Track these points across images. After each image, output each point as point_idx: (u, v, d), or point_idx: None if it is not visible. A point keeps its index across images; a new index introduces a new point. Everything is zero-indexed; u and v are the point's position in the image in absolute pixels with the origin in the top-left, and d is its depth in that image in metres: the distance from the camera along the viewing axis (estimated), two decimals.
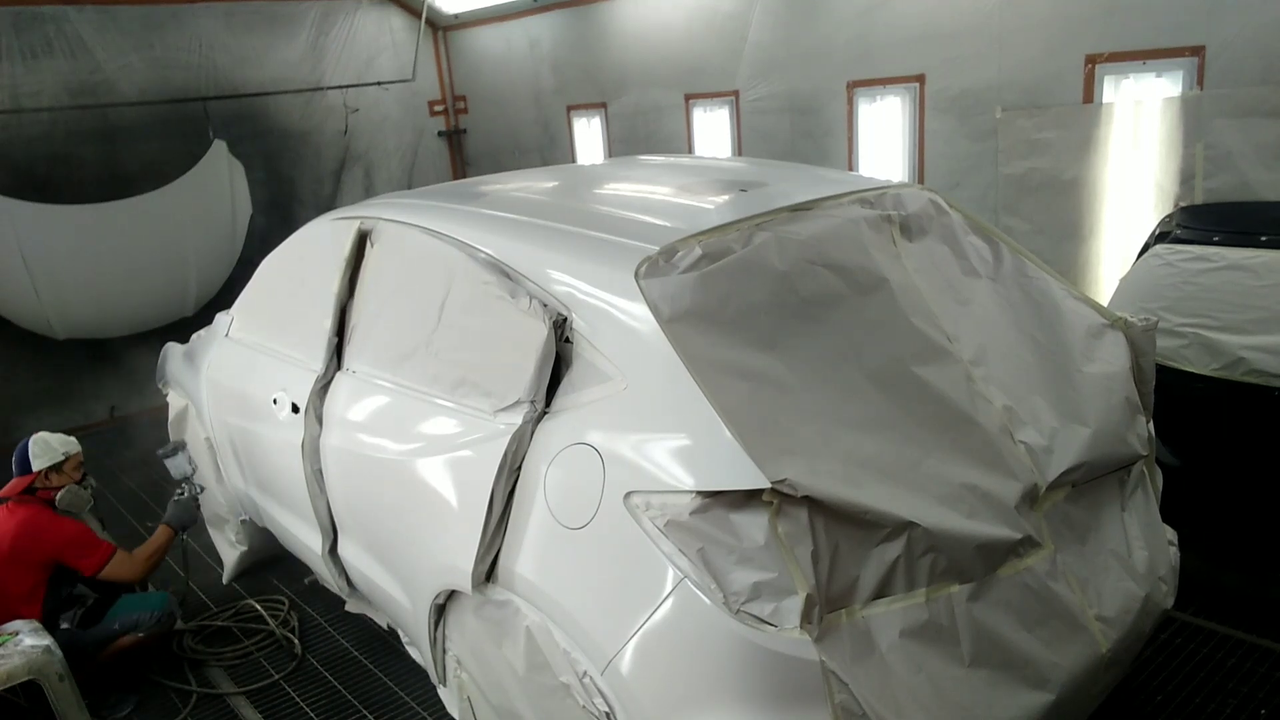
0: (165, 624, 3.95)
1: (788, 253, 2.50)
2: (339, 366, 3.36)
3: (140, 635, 3.83)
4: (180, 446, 4.37)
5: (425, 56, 9.57)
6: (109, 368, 7.70)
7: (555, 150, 8.93)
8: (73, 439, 3.92)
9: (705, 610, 2.01)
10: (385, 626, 3.66)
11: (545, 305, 2.50)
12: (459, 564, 2.52)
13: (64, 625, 3.74)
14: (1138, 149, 4.90)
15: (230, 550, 4.73)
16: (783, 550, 1.99)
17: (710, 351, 2.23)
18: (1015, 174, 5.41)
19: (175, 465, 4.29)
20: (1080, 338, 2.85)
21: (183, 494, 4.18)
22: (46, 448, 3.80)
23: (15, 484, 3.77)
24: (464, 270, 2.82)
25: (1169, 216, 4.45)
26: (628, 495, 2.14)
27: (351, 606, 3.76)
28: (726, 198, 2.88)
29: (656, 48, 7.54)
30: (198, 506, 4.26)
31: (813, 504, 2.03)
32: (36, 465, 3.76)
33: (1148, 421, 2.91)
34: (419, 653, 3.16)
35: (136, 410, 7.50)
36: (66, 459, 3.83)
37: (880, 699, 2.00)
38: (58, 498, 3.76)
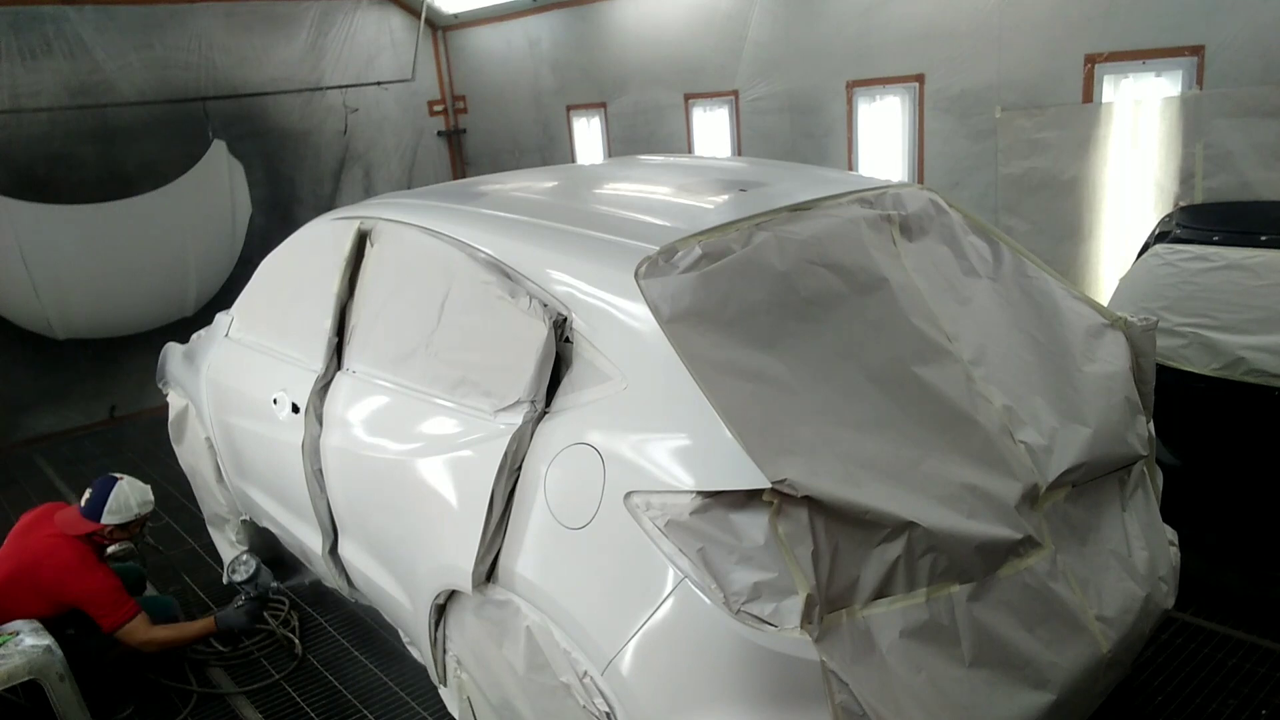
0: None
1: (788, 253, 2.50)
2: (339, 366, 3.36)
3: None
4: (247, 567, 3.92)
5: (425, 56, 9.57)
6: (109, 368, 7.70)
7: (555, 150, 8.93)
8: (150, 499, 3.87)
9: (705, 610, 2.01)
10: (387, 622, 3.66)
11: (545, 305, 2.50)
12: (459, 564, 2.52)
13: (70, 631, 3.72)
14: (1137, 149, 4.90)
15: (230, 550, 4.72)
16: (783, 550, 1.99)
17: (710, 351, 2.22)
18: (1015, 174, 5.41)
19: (261, 584, 3.94)
20: (1080, 337, 2.85)
21: (248, 599, 3.91)
22: (125, 507, 3.73)
23: (78, 523, 3.70)
24: (464, 270, 2.82)
25: (1169, 216, 4.45)
26: (628, 495, 2.14)
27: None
28: (726, 197, 2.88)
29: (656, 48, 7.54)
30: (253, 619, 3.96)
31: (813, 504, 2.03)
32: (106, 520, 3.70)
33: (1148, 421, 2.91)
34: (419, 653, 3.16)
35: (136, 410, 7.50)
36: (135, 520, 3.79)
37: (880, 699, 2.00)
38: (111, 549, 3.80)
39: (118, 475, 3.86)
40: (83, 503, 3.75)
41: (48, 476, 6.61)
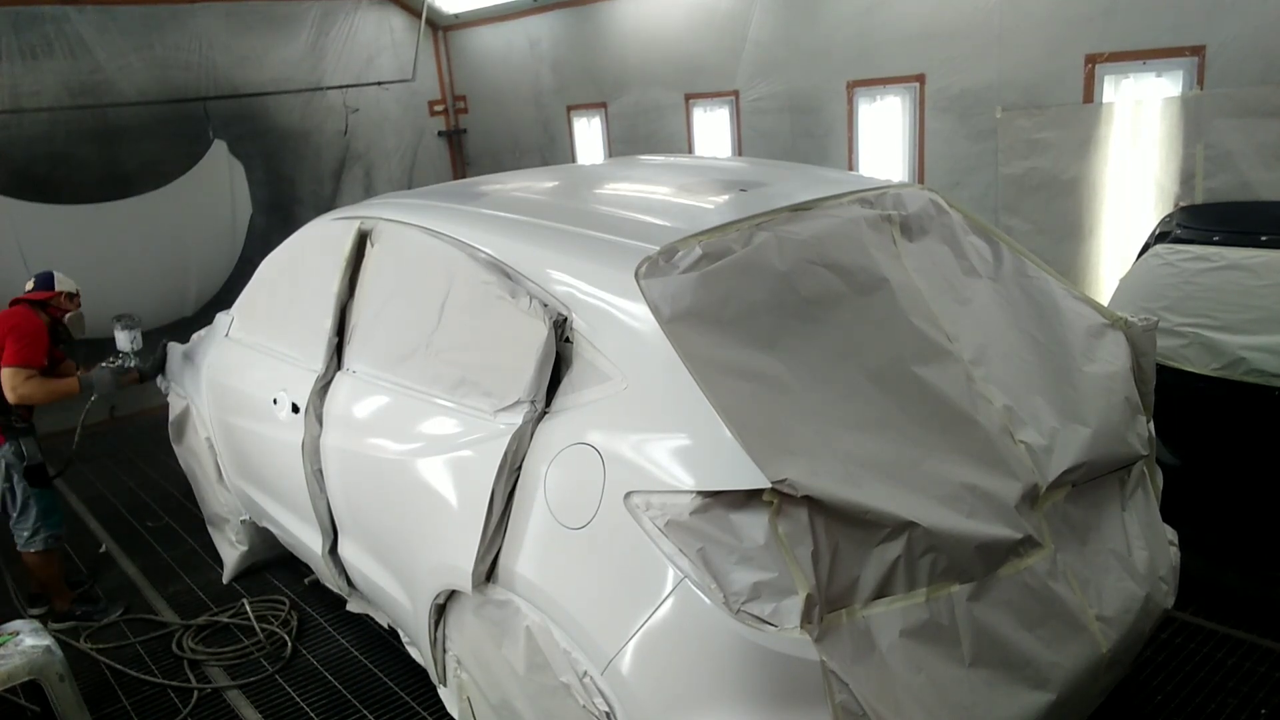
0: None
1: (788, 253, 2.50)
2: (339, 366, 3.36)
3: None
4: (135, 324, 4.62)
5: (425, 56, 9.57)
6: None
7: (555, 150, 8.93)
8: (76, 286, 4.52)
9: (705, 610, 2.01)
10: (386, 626, 3.66)
11: (545, 305, 2.50)
12: (459, 564, 2.52)
13: None
14: (1138, 149, 4.90)
15: (230, 550, 4.73)
16: (783, 550, 1.99)
17: (710, 351, 2.23)
18: (1015, 174, 5.41)
19: (121, 338, 4.55)
20: (1080, 337, 2.85)
21: (114, 363, 4.54)
22: (66, 281, 4.42)
23: (34, 293, 4.33)
24: (464, 270, 2.82)
25: (1169, 216, 4.44)
26: (628, 495, 2.14)
27: (352, 606, 3.76)
28: (726, 198, 2.88)
29: (656, 48, 7.54)
30: (119, 384, 4.56)
31: (813, 504, 2.03)
32: (60, 287, 4.35)
33: (1148, 421, 2.91)
34: (419, 653, 3.16)
35: (136, 410, 7.49)
36: (77, 293, 4.47)
37: (880, 699, 2.00)
38: (67, 317, 4.38)
39: None
40: (32, 287, 4.34)
41: None
